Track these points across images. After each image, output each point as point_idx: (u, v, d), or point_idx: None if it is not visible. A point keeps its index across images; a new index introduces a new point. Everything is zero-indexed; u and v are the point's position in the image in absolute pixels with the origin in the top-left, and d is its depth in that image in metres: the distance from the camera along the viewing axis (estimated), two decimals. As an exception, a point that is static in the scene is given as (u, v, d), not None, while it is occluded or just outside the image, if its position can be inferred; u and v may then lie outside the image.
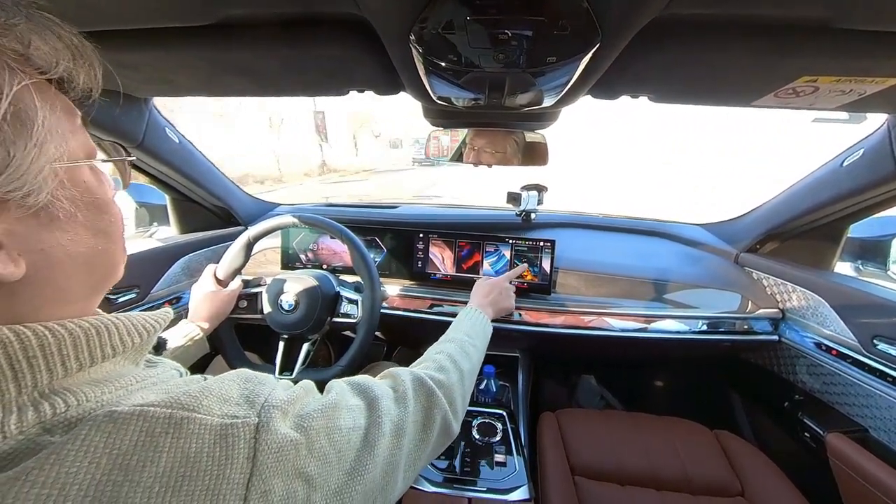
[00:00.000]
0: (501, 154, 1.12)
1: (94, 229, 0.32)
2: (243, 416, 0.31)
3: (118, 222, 0.35)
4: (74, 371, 0.29)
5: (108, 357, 0.31)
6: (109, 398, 0.30)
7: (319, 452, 0.35)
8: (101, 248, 0.33)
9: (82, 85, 0.32)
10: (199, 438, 0.28)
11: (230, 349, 0.96)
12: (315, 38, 0.59)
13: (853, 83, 0.60)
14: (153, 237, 1.29)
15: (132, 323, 0.34)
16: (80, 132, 0.33)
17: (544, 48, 0.52)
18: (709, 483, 0.94)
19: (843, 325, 0.96)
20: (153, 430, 0.27)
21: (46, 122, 0.28)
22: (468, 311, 0.83)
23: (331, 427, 0.37)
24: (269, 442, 0.31)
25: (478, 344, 0.73)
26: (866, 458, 0.82)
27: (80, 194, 0.31)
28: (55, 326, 0.28)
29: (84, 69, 0.32)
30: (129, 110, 0.93)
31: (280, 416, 0.33)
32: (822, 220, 1.07)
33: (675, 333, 1.14)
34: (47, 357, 0.27)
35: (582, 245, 1.33)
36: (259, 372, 0.38)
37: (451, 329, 0.75)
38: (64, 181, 0.29)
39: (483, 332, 0.78)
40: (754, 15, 0.49)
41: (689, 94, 0.73)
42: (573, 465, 0.97)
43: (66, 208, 0.29)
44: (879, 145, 0.84)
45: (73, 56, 0.30)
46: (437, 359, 0.61)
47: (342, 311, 0.96)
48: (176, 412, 0.29)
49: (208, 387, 0.33)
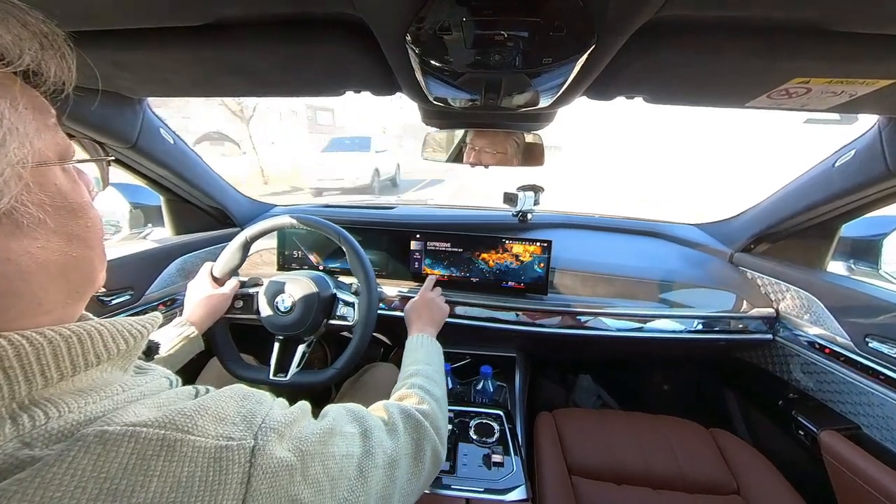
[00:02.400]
0: (502, 155, 1.12)
1: (68, 235, 0.30)
2: (239, 437, 0.30)
3: (96, 227, 0.33)
4: (55, 381, 0.27)
5: (91, 365, 0.30)
6: (95, 408, 0.28)
7: (313, 479, 0.34)
8: (77, 254, 0.31)
9: (53, 77, 0.29)
10: (192, 462, 0.27)
11: (225, 349, 0.95)
12: (311, 38, 0.59)
13: (845, 85, 0.60)
14: (147, 238, 1.28)
15: (117, 329, 0.33)
16: (50, 130, 0.30)
17: (540, 49, 0.52)
18: (704, 481, 0.94)
19: (836, 324, 0.97)
20: (145, 453, 0.26)
21: (6, 120, 0.25)
22: (415, 340, 0.83)
23: (325, 453, 0.37)
24: (264, 466, 0.30)
25: (438, 369, 0.76)
26: (859, 455, 0.82)
27: (49, 198, 0.28)
28: (32, 335, 0.27)
29: (55, 60, 0.29)
30: (123, 111, 0.92)
31: (276, 439, 0.33)
32: (815, 220, 1.08)
33: (670, 333, 1.15)
34: (25, 367, 0.26)
35: (578, 245, 1.34)
36: (255, 389, 0.38)
37: (408, 361, 0.76)
38: (30, 184, 0.27)
39: (437, 356, 0.81)
40: (748, 17, 0.50)
41: (683, 96, 0.74)
42: (570, 464, 0.97)
43: (34, 214, 0.27)
44: (871, 146, 0.86)
45: (40, 45, 0.28)
46: (413, 392, 0.63)
47: (338, 314, 0.96)
48: (169, 433, 0.27)
49: (204, 404, 0.31)
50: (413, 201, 1.88)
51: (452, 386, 1.16)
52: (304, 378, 0.93)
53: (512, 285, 1.20)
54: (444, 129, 1.11)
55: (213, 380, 1.04)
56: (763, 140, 13.80)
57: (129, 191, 1.32)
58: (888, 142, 0.82)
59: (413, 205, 1.72)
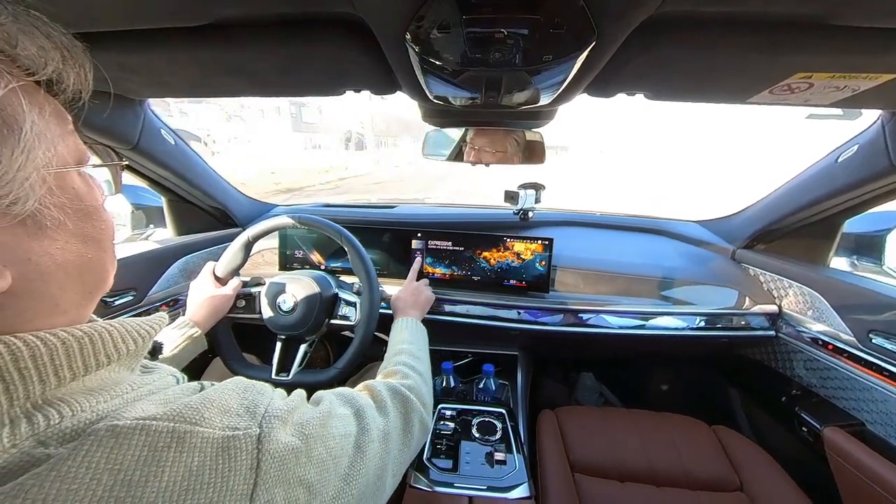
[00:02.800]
0: (502, 153, 1.12)
1: (84, 237, 0.31)
2: (245, 427, 0.32)
3: (109, 229, 0.35)
4: (68, 380, 0.28)
5: (102, 365, 0.31)
6: (105, 407, 0.29)
7: (318, 459, 0.36)
8: (92, 255, 0.32)
9: (72, 87, 0.31)
10: (201, 452, 0.28)
11: (227, 349, 0.95)
12: (311, 37, 0.59)
13: (847, 79, 0.60)
14: (149, 239, 1.29)
15: (126, 329, 0.34)
16: (70, 136, 0.31)
17: (540, 47, 0.52)
18: (708, 478, 0.94)
19: (839, 320, 0.96)
20: (156, 445, 0.27)
21: (35, 126, 0.27)
22: (399, 323, 0.87)
23: (326, 435, 0.39)
24: (272, 451, 0.31)
25: (422, 346, 0.80)
26: (863, 452, 0.82)
27: (69, 201, 0.30)
28: (46, 336, 0.27)
29: (74, 70, 0.31)
30: (125, 112, 0.92)
31: (280, 425, 0.34)
32: (818, 216, 1.08)
33: (673, 330, 1.15)
34: (39, 367, 0.27)
35: (579, 243, 1.34)
36: (256, 381, 0.39)
37: (394, 342, 0.80)
38: (53, 188, 0.28)
39: (421, 336, 0.84)
40: (749, 12, 0.49)
41: (684, 92, 0.74)
42: (573, 462, 0.97)
43: (55, 216, 0.28)
44: (873, 141, 0.85)
45: (62, 57, 0.29)
46: (398, 369, 0.67)
47: (340, 314, 0.96)
48: (179, 426, 0.28)
49: (208, 397, 0.32)
50: (414, 200, 1.88)
51: (455, 384, 1.16)
52: (307, 377, 0.93)
53: (513, 283, 1.19)
54: (444, 128, 1.11)
55: (217, 379, 1.04)
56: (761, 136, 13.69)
57: (131, 192, 1.33)
58: (891, 136, 0.81)
59: (414, 204, 1.72)
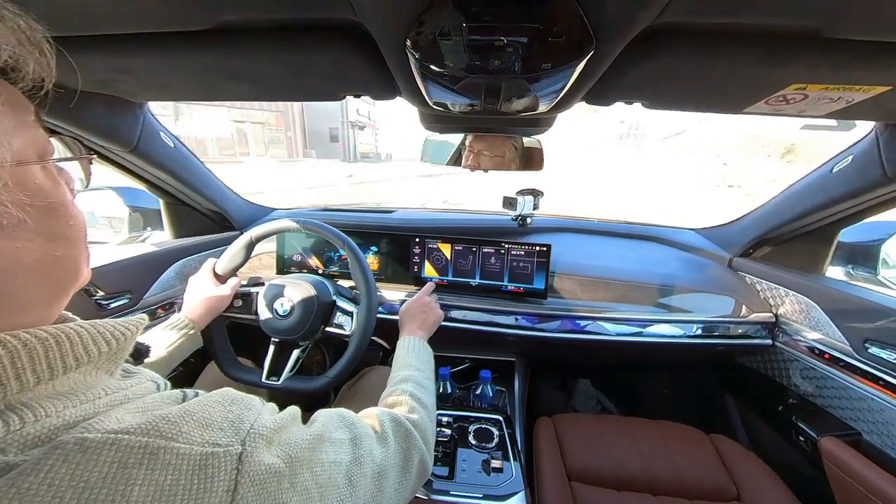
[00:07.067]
0: (500, 158, 1.13)
1: (50, 234, 0.30)
2: (226, 444, 0.30)
3: (79, 225, 0.33)
4: (31, 385, 0.27)
5: (70, 368, 0.29)
6: (74, 412, 0.27)
7: (301, 486, 0.33)
8: (60, 253, 0.31)
9: (32, 73, 0.28)
10: (175, 469, 0.27)
11: (220, 348, 0.95)
12: (312, 43, 0.59)
13: (842, 91, 0.61)
14: (146, 242, 1.28)
15: (98, 331, 0.32)
16: (29, 128, 0.29)
17: (540, 55, 0.52)
18: (704, 487, 0.94)
19: (835, 329, 0.97)
20: (126, 461, 0.25)
21: None
22: (406, 343, 0.81)
23: (314, 460, 0.36)
24: (252, 473, 0.30)
25: (429, 375, 0.74)
26: (860, 462, 0.82)
27: (29, 198, 0.28)
28: (7, 338, 0.26)
29: (33, 56, 0.28)
30: (124, 115, 0.92)
31: (265, 445, 0.32)
32: (814, 225, 1.08)
33: (670, 337, 1.15)
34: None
35: (577, 250, 1.34)
36: (244, 393, 0.37)
37: (399, 364, 0.74)
38: (8, 184, 0.26)
39: (428, 361, 0.79)
40: (746, 24, 0.50)
41: (681, 101, 0.75)
42: (570, 470, 0.97)
43: (13, 214, 0.26)
44: (868, 151, 0.86)
45: (17, 41, 0.27)
46: (404, 400, 0.61)
47: (336, 322, 0.95)
48: (152, 441, 0.27)
49: (189, 410, 0.30)
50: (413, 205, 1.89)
51: (451, 390, 1.15)
52: (296, 384, 0.92)
53: (511, 289, 1.19)
54: (443, 133, 1.11)
55: (210, 384, 1.03)
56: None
57: (129, 194, 1.32)
58: (885, 148, 0.82)
59: (413, 209, 1.72)
